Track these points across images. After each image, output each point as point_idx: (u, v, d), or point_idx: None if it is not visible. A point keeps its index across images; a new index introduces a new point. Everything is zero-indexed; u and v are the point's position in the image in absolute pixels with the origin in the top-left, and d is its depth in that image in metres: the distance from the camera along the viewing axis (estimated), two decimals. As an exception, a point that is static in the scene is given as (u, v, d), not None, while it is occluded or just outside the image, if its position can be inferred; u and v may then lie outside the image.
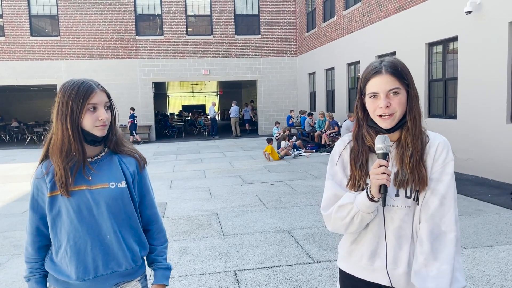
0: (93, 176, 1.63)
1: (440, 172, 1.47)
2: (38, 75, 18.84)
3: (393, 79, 1.45)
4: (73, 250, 1.61)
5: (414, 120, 1.48)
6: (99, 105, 1.57)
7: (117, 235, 1.64)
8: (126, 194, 1.67)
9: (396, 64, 1.49)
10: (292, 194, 7.41)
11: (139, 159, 1.75)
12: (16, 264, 4.46)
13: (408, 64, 7.53)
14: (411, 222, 1.50)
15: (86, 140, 1.60)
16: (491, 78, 7.97)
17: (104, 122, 1.58)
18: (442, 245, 1.43)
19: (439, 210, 1.44)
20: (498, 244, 4.60)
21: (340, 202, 1.53)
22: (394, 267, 1.51)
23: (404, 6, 10.89)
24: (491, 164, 8.08)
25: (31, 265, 1.69)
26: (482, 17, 8.13)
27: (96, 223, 1.62)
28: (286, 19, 20.65)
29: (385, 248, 1.53)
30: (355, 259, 1.60)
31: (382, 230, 1.53)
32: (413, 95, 1.49)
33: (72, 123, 1.55)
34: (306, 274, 3.96)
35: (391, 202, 1.50)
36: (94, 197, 1.61)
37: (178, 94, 41.11)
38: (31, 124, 22.97)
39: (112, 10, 19.10)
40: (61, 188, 1.56)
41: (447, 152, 1.50)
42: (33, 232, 1.67)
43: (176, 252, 4.64)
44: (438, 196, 1.45)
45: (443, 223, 1.44)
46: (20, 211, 6.82)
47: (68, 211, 1.60)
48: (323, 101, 17.38)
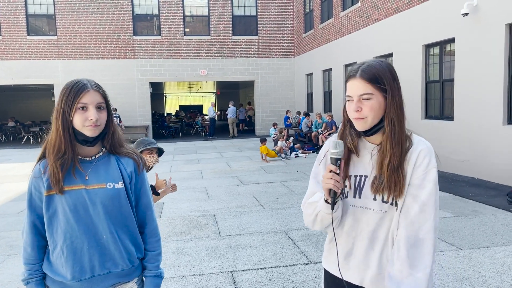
0: (90, 176, 1.63)
1: (422, 179, 1.44)
2: (34, 74, 18.78)
3: (365, 84, 1.44)
4: (69, 249, 1.60)
5: (392, 126, 1.45)
6: (90, 105, 1.57)
7: (114, 235, 1.64)
8: (123, 194, 1.67)
9: (372, 68, 1.45)
10: (289, 195, 7.42)
11: (137, 160, 1.74)
12: (12, 265, 4.44)
13: (405, 65, 7.57)
14: (386, 226, 1.50)
15: (77, 139, 1.60)
16: (487, 79, 8.00)
17: (94, 123, 1.56)
18: (419, 252, 1.41)
19: (419, 217, 1.42)
20: (494, 245, 4.61)
21: (310, 200, 1.60)
22: (365, 268, 1.54)
23: (401, 8, 10.92)
24: (487, 166, 8.11)
25: (30, 266, 1.67)
26: (478, 19, 8.16)
27: (93, 223, 1.61)
28: (283, 20, 20.67)
29: (359, 249, 1.55)
30: (333, 258, 1.63)
31: (357, 231, 1.55)
32: (391, 101, 1.44)
33: (63, 121, 1.56)
34: (303, 274, 3.97)
35: (367, 205, 1.51)
36: (91, 197, 1.60)
37: (175, 94, 41.06)
38: (28, 123, 22.88)
39: (109, 10, 19.07)
40: (54, 185, 1.57)
41: (430, 159, 1.45)
42: (32, 231, 1.65)
43: (173, 253, 4.63)
44: (418, 202, 1.43)
45: (421, 230, 1.42)
46: (16, 211, 6.79)
47: (64, 211, 1.59)
48: (320, 102, 17.40)
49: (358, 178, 1.54)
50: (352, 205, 1.56)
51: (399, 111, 1.46)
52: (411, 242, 1.42)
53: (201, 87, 32.05)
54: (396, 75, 1.49)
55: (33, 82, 19.05)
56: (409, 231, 1.42)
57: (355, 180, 1.55)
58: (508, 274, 3.84)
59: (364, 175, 1.53)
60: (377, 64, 1.47)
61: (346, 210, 1.57)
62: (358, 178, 1.54)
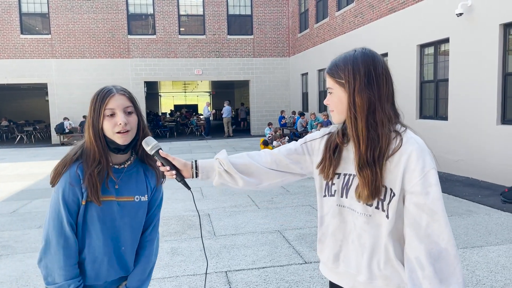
0: (120, 186, 1.61)
1: (421, 184, 1.29)
2: (28, 73, 18.65)
3: (328, 79, 1.42)
4: (90, 258, 1.60)
5: (351, 122, 1.36)
6: (117, 110, 1.54)
7: (131, 246, 1.68)
8: (145, 207, 1.69)
9: (336, 62, 1.41)
10: (284, 195, 7.41)
11: (158, 173, 1.72)
12: (4, 265, 4.40)
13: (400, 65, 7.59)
14: (372, 233, 1.39)
15: (109, 147, 1.57)
16: (482, 79, 8.03)
17: (123, 127, 1.53)
18: (445, 264, 1.27)
19: (434, 227, 1.28)
20: (488, 244, 4.63)
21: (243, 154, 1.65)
22: (356, 273, 1.45)
23: (396, 8, 10.95)
24: (481, 165, 8.15)
25: (74, 280, 1.55)
26: (473, 19, 8.19)
27: (116, 234, 1.62)
28: (279, 19, 20.66)
29: (349, 252, 1.47)
30: (324, 260, 1.57)
31: (345, 233, 1.48)
32: (350, 96, 1.35)
33: (94, 130, 1.54)
34: (298, 274, 3.96)
35: (353, 206, 1.43)
36: (120, 209, 1.61)
37: (170, 94, 40.96)
38: (21, 123, 22.73)
39: (103, 9, 18.97)
40: (92, 195, 1.53)
41: (424, 160, 1.30)
42: (73, 237, 1.55)
43: (167, 253, 4.61)
44: (426, 211, 1.29)
45: (442, 240, 1.28)
46: (9, 211, 6.74)
47: (93, 220, 1.57)
48: (315, 102, 17.42)
49: (347, 177, 1.45)
50: (339, 205, 1.48)
51: (359, 109, 1.34)
52: (434, 256, 1.27)
53: (196, 87, 32.00)
54: (373, 70, 1.36)
55: (27, 81, 18.92)
56: (428, 244, 1.28)
57: (343, 179, 1.46)
58: (501, 274, 3.85)
59: (352, 173, 1.44)
60: (343, 57, 1.40)
61: (332, 210, 1.50)
62: (347, 176, 1.46)
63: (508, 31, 7.56)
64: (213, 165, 1.60)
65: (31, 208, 6.95)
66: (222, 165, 1.58)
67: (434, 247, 1.28)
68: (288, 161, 1.62)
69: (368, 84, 1.35)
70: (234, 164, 1.59)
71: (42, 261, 1.55)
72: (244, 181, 1.58)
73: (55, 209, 1.53)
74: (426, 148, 1.34)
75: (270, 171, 1.63)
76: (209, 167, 1.60)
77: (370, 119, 1.34)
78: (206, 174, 1.60)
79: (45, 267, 1.54)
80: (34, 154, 15.02)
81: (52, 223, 1.53)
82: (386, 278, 1.39)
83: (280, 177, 1.65)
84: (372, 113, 1.35)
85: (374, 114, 1.35)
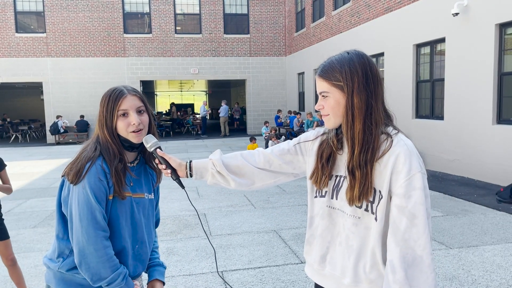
0: (134, 183, 1.66)
1: (405, 187, 1.26)
2: (23, 72, 18.54)
3: (322, 82, 1.40)
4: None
5: (347, 124, 1.35)
6: (130, 110, 1.57)
7: (148, 242, 1.72)
8: (153, 205, 1.77)
9: (330, 64, 1.39)
10: (280, 194, 7.40)
11: (158, 173, 1.78)
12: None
13: (396, 65, 7.57)
14: (361, 235, 1.37)
15: (124, 146, 1.62)
16: (477, 79, 8.05)
17: (137, 127, 1.57)
18: (418, 271, 1.25)
19: (412, 232, 1.25)
20: (483, 244, 4.64)
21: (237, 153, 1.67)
22: (342, 276, 1.43)
23: (392, 7, 10.96)
24: (477, 165, 8.17)
25: (121, 268, 1.56)
26: (469, 19, 8.21)
27: (134, 230, 1.65)
28: (275, 18, 20.65)
29: (336, 254, 1.46)
30: (311, 261, 1.56)
31: (333, 234, 1.46)
32: (349, 98, 1.34)
33: (108, 130, 1.58)
34: (294, 274, 3.95)
35: (343, 208, 1.42)
36: (135, 205, 1.64)
37: (166, 93, 40.85)
38: (16, 122, 22.60)
39: (99, 7, 18.89)
40: (118, 190, 1.56)
41: (410, 162, 1.27)
42: (106, 227, 1.55)
43: (163, 253, 4.59)
44: (406, 214, 1.26)
45: (418, 246, 1.25)
46: (4, 211, 6.68)
47: (116, 215, 1.58)
48: (312, 101, 17.42)
49: (338, 178, 1.45)
50: (329, 206, 1.47)
51: (358, 110, 1.33)
52: (408, 262, 1.25)
53: (193, 86, 31.94)
54: (369, 71, 1.35)
55: (22, 80, 18.81)
56: (403, 248, 1.25)
57: (335, 180, 1.45)
58: (497, 273, 3.86)
59: (344, 175, 1.42)
60: (338, 59, 1.38)
61: (322, 211, 1.49)
62: (339, 178, 1.45)
63: (504, 31, 7.58)
64: (207, 166, 1.64)
65: (26, 207, 6.91)
66: (215, 167, 1.61)
67: (409, 252, 1.25)
68: (281, 162, 1.63)
69: (366, 85, 1.34)
70: (227, 166, 1.61)
71: (83, 263, 1.50)
72: (236, 182, 1.61)
73: (86, 205, 1.50)
74: (415, 151, 1.32)
75: (263, 172, 1.64)
76: (202, 167, 1.64)
77: (367, 120, 1.34)
78: (200, 174, 1.64)
79: (88, 268, 1.50)
80: (29, 154, 14.95)
81: (85, 221, 1.49)
82: (371, 282, 1.37)
83: (273, 178, 1.67)
84: (369, 114, 1.34)
85: (371, 115, 1.34)
